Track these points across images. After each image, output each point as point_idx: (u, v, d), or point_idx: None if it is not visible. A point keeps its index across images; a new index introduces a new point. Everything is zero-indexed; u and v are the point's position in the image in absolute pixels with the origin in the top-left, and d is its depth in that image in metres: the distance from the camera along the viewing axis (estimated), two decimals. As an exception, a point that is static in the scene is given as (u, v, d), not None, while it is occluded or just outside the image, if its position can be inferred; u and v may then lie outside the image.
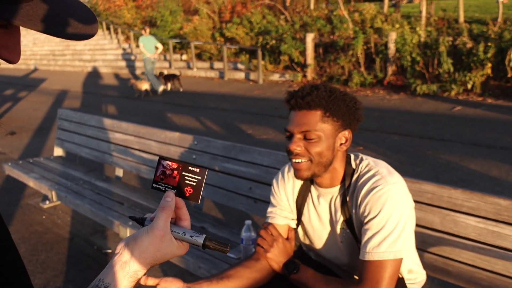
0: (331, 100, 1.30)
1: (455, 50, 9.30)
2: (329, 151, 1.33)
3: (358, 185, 1.36)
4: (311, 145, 1.31)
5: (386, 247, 1.26)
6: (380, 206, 1.28)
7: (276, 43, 12.52)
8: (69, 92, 12.59)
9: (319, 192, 1.47)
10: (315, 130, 1.30)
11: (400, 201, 1.29)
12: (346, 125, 1.35)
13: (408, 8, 21.07)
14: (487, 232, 1.65)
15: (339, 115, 1.31)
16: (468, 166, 4.73)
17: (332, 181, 1.42)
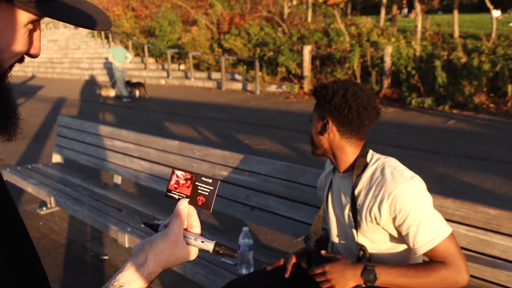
0: (322, 89, 1.54)
1: (450, 65, 9.44)
2: (315, 134, 1.57)
3: (377, 180, 1.47)
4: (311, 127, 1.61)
5: (433, 231, 1.40)
6: (409, 202, 1.40)
7: (274, 54, 12.64)
8: (67, 100, 12.63)
9: (336, 178, 1.65)
10: (311, 115, 1.61)
11: (422, 190, 1.44)
12: (324, 112, 1.54)
13: (404, 22, 21.34)
14: (477, 241, 1.71)
15: (320, 102, 1.53)
16: (462, 178, 4.80)
17: (340, 166, 1.59)
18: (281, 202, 2.35)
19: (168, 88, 14.26)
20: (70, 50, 23.28)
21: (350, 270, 1.43)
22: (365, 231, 1.52)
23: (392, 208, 1.42)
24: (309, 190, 2.24)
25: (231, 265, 2.15)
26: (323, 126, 1.54)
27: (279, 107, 10.04)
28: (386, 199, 1.42)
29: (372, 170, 1.50)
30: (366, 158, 1.54)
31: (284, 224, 2.34)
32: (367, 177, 1.50)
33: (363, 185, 1.50)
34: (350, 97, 1.49)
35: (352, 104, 1.48)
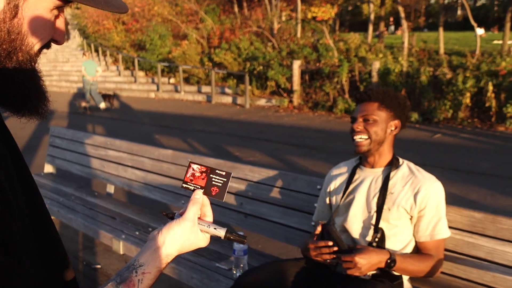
0: (386, 96, 1.79)
1: (436, 80, 9.66)
2: (382, 131, 1.78)
3: (413, 177, 1.77)
4: (369, 126, 1.77)
5: (446, 228, 1.75)
6: (438, 198, 1.74)
7: (263, 69, 12.79)
8: (56, 112, 12.58)
9: (364, 173, 1.87)
10: (372, 115, 1.77)
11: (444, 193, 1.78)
12: (397, 116, 1.82)
13: (391, 39, 21.76)
14: (463, 243, 1.79)
15: (391, 107, 1.79)
16: (448, 190, 4.87)
17: (379, 162, 1.83)
18: (274, 209, 2.41)
19: (158, 102, 14.30)
20: (59, 63, 23.23)
21: (377, 257, 1.64)
22: (391, 217, 1.75)
23: (426, 199, 1.72)
24: (302, 196, 2.30)
25: (226, 269, 2.19)
26: (396, 126, 1.82)
27: (268, 120, 10.14)
28: (423, 190, 1.72)
29: (406, 168, 1.81)
30: (399, 160, 1.85)
31: (277, 230, 2.39)
32: (402, 172, 1.79)
33: (398, 178, 1.78)
34: (397, 94, 1.84)
35: (403, 100, 1.85)
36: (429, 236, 1.73)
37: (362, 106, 1.82)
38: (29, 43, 0.66)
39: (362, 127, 1.78)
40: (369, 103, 1.81)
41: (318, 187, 2.21)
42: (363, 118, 1.79)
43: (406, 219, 1.76)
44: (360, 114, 1.80)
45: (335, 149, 6.92)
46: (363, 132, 1.78)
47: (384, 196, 1.76)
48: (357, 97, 1.86)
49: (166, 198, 3.03)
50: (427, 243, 1.74)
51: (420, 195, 1.72)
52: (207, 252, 2.42)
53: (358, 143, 1.79)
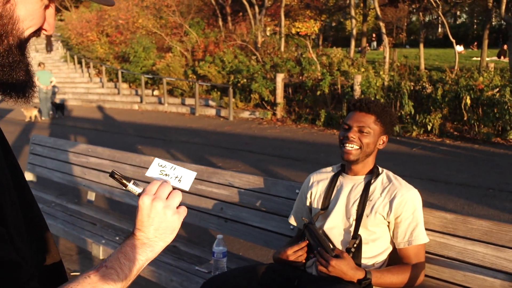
0: (383, 112, 1.86)
1: (416, 94, 9.87)
2: (373, 145, 1.85)
3: (390, 184, 1.84)
4: (364, 136, 1.83)
5: (424, 234, 1.79)
6: (414, 204, 1.80)
7: (247, 82, 12.89)
8: (37, 123, 12.45)
9: (345, 180, 1.92)
10: (368, 127, 1.83)
11: (421, 200, 1.85)
12: (386, 131, 1.90)
13: (373, 54, 22.18)
14: (435, 243, 1.84)
15: (384, 123, 1.87)
16: (427, 199, 4.99)
17: (361, 170, 1.90)
18: (253, 214, 2.44)
19: (141, 113, 14.26)
20: (41, 74, 23.01)
21: (351, 272, 1.67)
22: (369, 223, 1.79)
23: (402, 205, 1.77)
24: (281, 201, 2.34)
25: (205, 272, 2.21)
26: (384, 141, 1.91)
27: (252, 132, 10.20)
28: (399, 197, 1.78)
29: (385, 176, 1.89)
30: (378, 169, 1.92)
31: (256, 234, 2.42)
32: (381, 180, 1.86)
33: (377, 185, 1.85)
34: (391, 112, 1.93)
35: (394, 117, 1.95)
36: (407, 242, 1.77)
37: (359, 116, 1.85)
38: (20, 28, 0.70)
39: (356, 137, 1.82)
40: (367, 115, 1.84)
41: (297, 191, 2.26)
42: (358, 129, 1.82)
43: (384, 226, 1.81)
44: (357, 124, 1.83)
45: (318, 160, 7.00)
46: (356, 142, 1.82)
47: (364, 203, 1.82)
48: (355, 106, 1.88)
49: (147, 204, 3.04)
50: (406, 250, 1.78)
51: (396, 201, 1.78)
52: (187, 256, 2.44)
53: (348, 151, 1.84)
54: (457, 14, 36.64)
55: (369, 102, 1.85)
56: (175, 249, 2.54)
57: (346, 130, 1.86)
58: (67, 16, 27.09)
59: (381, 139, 1.89)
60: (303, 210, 2.05)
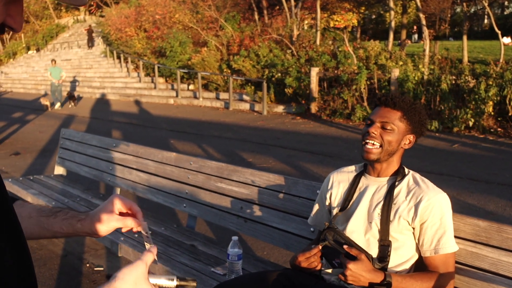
0: (411, 109, 1.69)
1: (457, 88, 9.43)
2: (396, 143, 1.68)
3: (416, 187, 1.68)
4: (386, 133, 1.67)
5: (452, 241, 1.63)
6: (442, 209, 1.64)
7: (282, 76, 12.74)
8: (76, 117, 12.80)
9: (368, 181, 1.78)
10: (392, 123, 1.67)
11: (450, 205, 1.69)
12: (414, 131, 1.72)
13: (414, 47, 21.45)
14: (466, 253, 1.68)
15: (412, 121, 1.69)
16: (465, 200, 4.74)
17: (385, 171, 1.74)
18: (273, 214, 2.34)
19: (176, 108, 14.40)
20: (82, 69, 23.72)
21: (369, 276, 1.53)
22: (392, 229, 1.66)
23: (428, 210, 1.62)
24: (301, 201, 2.22)
25: (220, 275, 2.13)
26: (410, 141, 1.74)
27: (285, 127, 10.06)
28: (425, 201, 1.62)
29: (411, 178, 1.73)
30: (404, 170, 1.77)
31: (276, 236, 2.32)
32: (407, 182, 1.71)
33: (402, 188, 1.69)
34: (421, 109, 1.75)
35: (425, 115, 1.76)
36: (434, 251, 1.62)
37: (384, 111, 1.70)
38: None
39: (378, 133, 1.67)
40: (392, 111, 1.68)
41: (317, 191, 2.13)
42: (381, 124, 1.68)
43: (409, 233, 1.67)
44: (380, 119, 1.68)
45: (351, 156, 6.79)
46: (377, 138, 1.67)
47: (388, 207, 1.67)
48: (380, 100, 1.72)
49: (169, 201, 3.00)
50: (433, 258, 1.63)
51: (422, 205, 1.63)
52: (204, 256, 2.37)
53: (369, 150, 1.69)
54: (504, 4, 34.89)
55: (396, 97, 1.70)
56: (193, 248, 2.48)
57: (368, 126, 1.71)
58: (108, 12, 27.74)
59: (407, 138, 1.71)
60: (323, 212, 1.93)
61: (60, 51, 30.48)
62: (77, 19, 38.98)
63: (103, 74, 21.63)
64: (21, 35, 38.17)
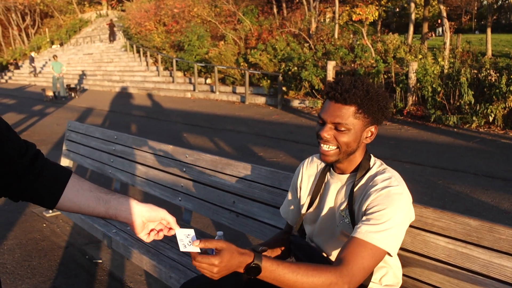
0: (366, 99, 1.42)
1: (478, 82, 9.14)
2: (355, 142, 1.47)
3: (373, 182, 1.46)
4: (341, 135, 1.44)
5: (379, 236, 1.33)
6: (389, 203, 1.37)
7: (298, 70, 12.61)
8: (94, 110, 12.95)
9: (332, 178, 1.59)
10: (346, 123, 1.43)
11: (407, 208, 1.42)
12: (374, 121, 1.48)
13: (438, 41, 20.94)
14: (456, 254, 1.58)
15: (370, 112, 1.44)
16: (479, 197, 4.57)
17: (347, 168, 1.55)
18: (264, 209, 2.27)
19: (193, 101, 14.43)
20: (103, 63, 24.00)
21: (236, 261, 1.21)
22: None
23: (374, 201, 1.40)
24: (292, 196, 2.15)
25: (206, 270, 2.07)
26: (372, 132, 1.50)
27: (299, 121, 9.95)
28: (374, 193, 1.41)
29: (373, 173, 1.51)
30: (369, 162, 1.54)
31: (266, 231, 2.25)
32: (367, 178, 1.50)
33: (362, 184, 1.50)
34: (378, 95, 1.45)
35: (384, 100, 1.46)
36: (356, 232, 1.34)
37: (334, 108, 1.43)
38: None
39: (331, 136, 1.45)
40: (344, 107, 1.42)
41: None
42: (334, 125, 1.44)
43: None
44: (331, 119, 1.43)
45: (363, 151, 6.66)
46: (331, 142, 1.46)
47: (350, 207, 1.50)
48: (328, 95, 1.45)
49: (165, 194, 2.96)
50: (349, 241, 1.34)
51: (369, 199, 1.41)
52: (193, 252, 2.32)
53: (325, 152, 1.48)
54: (533, -4, 33.73)
55: (345, 91, 1.40)
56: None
57: (320, 126, 1.48)
58: (128, 7, 27.97)
59: (367, 131, 1.49)
60: (293, 204, 1.77)
61: (82, 45, 30.92)
62: (99, 14, 39.46)
63: (123, 68, 21.84)
64: (45, 30, 38.90)
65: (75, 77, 23.64)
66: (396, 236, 1.37)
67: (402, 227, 1.39)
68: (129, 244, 2.38)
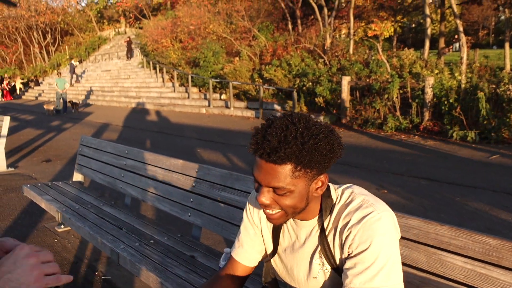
0: (303, 154, 1.11)
1: (497, 97, 8.98)
2: (303, 201, 1.21)
3: (344, 218, 1.25)
4: (282, 199, 1.19)
5: (380, 282, 1.16)
6: (371, 235, 1.17)
7: (313, 85, 12.58)
8: (110, 125, 13.08)
9: (296, 224, 1.36)
10: (284, 187, 1.15)
11: (391, 230, 1.20)
12: (321, 171, 1.19)
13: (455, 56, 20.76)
14: (475, 274, 1.50)
15: (312, 165, 1.15)
16: (498, 215, 4.42)
17: (308, 215, 1.31)
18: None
19: (207, 117, 14.48)
20: (120, 80, 24.36)
21: None
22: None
23: (354, 241, 1.20)
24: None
25: (213, 289, 2.01)
26: (323, 182, 1.23)
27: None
28: (351, 233, 1.21)
29: (341, 205, 1.28)
30: (332, 198, 1.30)
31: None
32: (335, 215, 1.28)
33: (333, 225, 1.28)
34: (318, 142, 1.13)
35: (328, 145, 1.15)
36: None
37: (267, 169, 1.14)
38: None
39: (271, 201, 1.19)
40: (277, 167, 1.13)
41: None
42: (271, 189, 1.18)
43: None
44: (266, 182, 1.16)
45: (378, 167, 6.54)
46: (273, 207, 1.21)
47: (327, 253, 1.29)
48: (257, 152, 1.14)
49: (174, 209, 2.92)
50: None
51: (349, 239, 1.22)
52: (201, 269, 2.26)
53: (270, 216, 1.23)
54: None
55: (273, 149, 1.10)
56: (192, 260, 2.38)
57: (257, 188, 1.22)
58: (145, 24, 28.47)
59: (316, 184, 1.21)
60: (252, 248, 1.49)
61: (101, 62, 31.49)
62: (118, 31, 40.26)
63: (140, 84, 22.12)
64: (65, 47, 39.78)
65: (93, 94, 24.01)
66: (394, 266, 1.18)
67: (395, 253, 1.19)
68: (136, 260, 2.33)
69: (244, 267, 1.49)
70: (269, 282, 1.53)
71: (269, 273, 1.51)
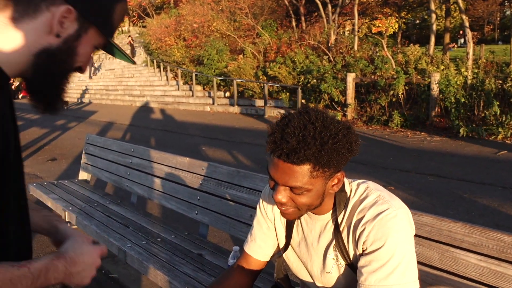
0: (322, 155, 1.10)
1: (503, 93, 8.90)
2: (319, 198, 1.20)
3: (359, 213, 1.24)
4: (298, 197, 1.17)
5: (395, 280, 1.14)
6: (386, 233, 1.16)
7: (317, 82, 12.53)
8: (115, 124, 13.09)
9: (310, 217, 1.35)
10: (302, 186, 1.14)
11: (406, 227, 1.19)
12: (338, 169, 1.18)
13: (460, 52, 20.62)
14: (489, 272, 1.47)
15: (330, 165, 1.13)
16: (507, 212, 4.38)
17: (321, 211, 1.30)
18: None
19: (212, 115, 14.46)
20: (124, 78, 24.38)
21: None
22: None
23: (368, 238, 1.19)
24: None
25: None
26: (339, 179, 1.21)
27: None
28: (366, 229, 1.20)
29: (355, 201, 1.27)
30: (346, 191, 1.28)
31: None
32: (350, 210, 1.27)
33: (347, 220, 1.27)
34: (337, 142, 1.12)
35: (347, 144, 1.14)
36: (364, 286, 1.18)
37: (285, 168, 1.12)
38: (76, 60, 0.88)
39: (288, 199, 1.18)
40: (295, 167, 1.11)
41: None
42: (288, 187, 1.16)
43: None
44: (283, 181, 1.14)
45: (385, 164, 6.50)
46: (288, 205, 1.20)
47: (342, 251, 1.27)
48: (275, 153, 1.11)
49: (181, 208, 2.90)
50: None
51: (364, 235, 1.21)
52: (209, 267, 2.24)
53: (284, 212, 1.23)
54: (557, 5, 33.00)
55: (292, 150, 1.08)
56: (200, 258, 2.36)
57: (273, 185, 1.20)
58: (149, 23, 28.46)
59: (332, 181, 1.20)
60: (266, 243, 1.48)
61: (104, 61, 31.52)
62: (121, 30, 40.24)
63: (144, 82, 22.13)
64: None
65: (97, 93, 24.05)
66: (409, 264, 1.17)
67: (410, 250, 1.18)
68: (144, 258, 2.32)
69: (257, 261, 1.48)
70: (281, 279, 1.51)
71: (281, 269, 1.49)
